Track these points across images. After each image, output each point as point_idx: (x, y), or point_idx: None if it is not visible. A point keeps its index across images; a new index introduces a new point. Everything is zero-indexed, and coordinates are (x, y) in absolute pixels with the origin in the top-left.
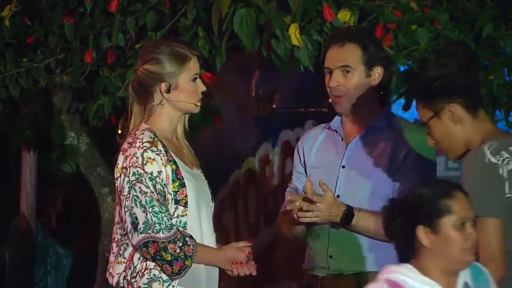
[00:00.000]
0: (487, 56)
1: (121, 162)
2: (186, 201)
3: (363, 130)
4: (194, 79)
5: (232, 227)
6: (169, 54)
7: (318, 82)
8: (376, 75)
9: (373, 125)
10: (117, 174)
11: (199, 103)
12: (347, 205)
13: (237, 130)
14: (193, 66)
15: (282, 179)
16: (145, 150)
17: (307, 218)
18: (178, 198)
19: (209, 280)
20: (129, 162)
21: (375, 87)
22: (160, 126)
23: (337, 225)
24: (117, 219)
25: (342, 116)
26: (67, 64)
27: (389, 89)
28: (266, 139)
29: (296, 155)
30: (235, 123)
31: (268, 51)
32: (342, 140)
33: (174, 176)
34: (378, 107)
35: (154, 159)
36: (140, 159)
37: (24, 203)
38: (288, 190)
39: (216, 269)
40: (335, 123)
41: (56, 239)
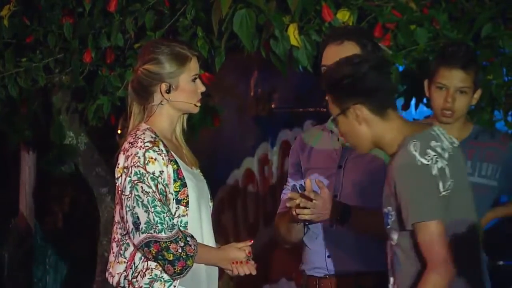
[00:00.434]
0: (486, 56)
1: (122, 162)
2: (187, 201)
3: None
4: (194, 80)
5: (231, 227)
6: (169, 54)
7: (316, 82)
8: None
9: None
10: (117, 174)
11: (199, 104)
12: (344, 203)
13: (236, 130)
14: (193, 66)
15: (281, 179)
16: (147, 150)
17: (305, 216)
18: (179, 198)
19: (209, 280)
20: (130, 161)
21: None
22: (160, 126)
23: (335, 223)
24: (117, 218)
25: None
26: (66, 64)
27: None
28: (265, 139)
29: (291, 156)
30: (234, 123)
31: (267, 51)
32: (338, 140)
33: (175, 176)
34: None
35: (156, 159)
36: (142, 158)
37: (23, 203)
38: (284, 192)
39: (216, 268)
40: (331, 124)
41: (55, 239)
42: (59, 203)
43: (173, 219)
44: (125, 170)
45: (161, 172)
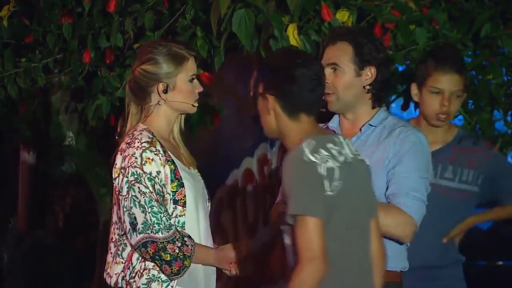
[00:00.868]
0: (485, 56)
1: (119, 162)
2: (185, 201)
3: (359, 130)
4: (191, 80)
5: (230, 227)
6: (166, 54)
7: None
8: (369, 75)
9: (369, 125)
10: (115, 174)
11: (196, 104)
12: None
13: (235, 130)
14: (190, 66)
15: (280, 179)
16: (144, 150)
17: None
18: (176, 198)
19: (207, 280)
20: (127, 162)
21: (369, 87)
22: (158, 126)
23: None
24: (114, 219)
25: (340, 116)
26: (65, 64)
27: (386, 89)
28: (264, 139)
29: None
30: (234, 123)
31: (267, 51)
32: None
33: (172, 176)
34: (374, 107)
35: (153, 159)
36: (139, 159)
37: (22, 203)
38: None
39: (214, 269)
40: (333, 122)
41: (54, 239)
42: (59, 203)
43: (170, 220)
44: (122, 171)
45: (158, 172)
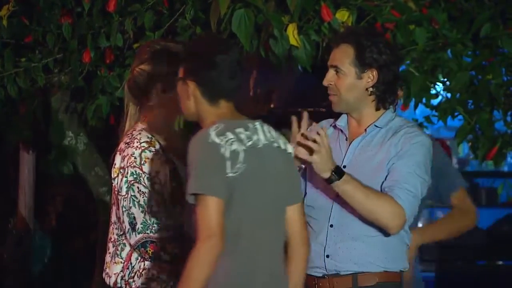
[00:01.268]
0: (485, 56)
1: (118, 162)
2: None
3: (365, 130)
4: None
5: None
6: (165, 54)
7: (316, 82)
8: (370, 77)
9: (374, 126)
10: (114, 174)
11: None
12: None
13: None
14: None
15: None
16: (143, 150)
17: (303, 154)
18: (176, 198)
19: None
20: (127, 162)
21: (372, 89)
22: (156, 126)
23: (330, 179)
24: (113, 219)
25: (348, 115)
26: (65, 64)
27: (390, 91)
28: None
29: None
30: None
31: (266, 51)
32: (346, 139)
33: (172, 175)
34: (379, 109)
35: (152, 159)
36: (138, 159)
37: (22, 203)
38: None
39: None
40: (342, 121)
41: (54, 239)
42: (58, 203)
43: (169, 220)
44: (121, 171)
45: (157, 172)
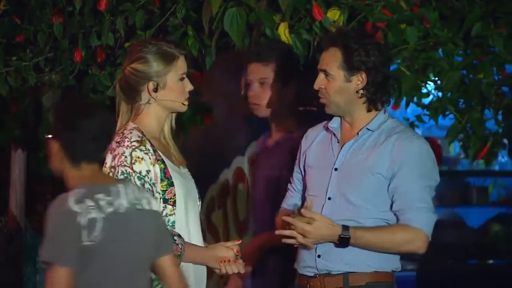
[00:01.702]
0: (476, 55)
1: (109, 161)
2: (175, 200)
3: (357, 134)
4: (181, 78)
5: (221, 226)
6: (156, 53)
7: (307, 81)
8: (360, 79)
9: (366, 129)
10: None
11: (187, 102)
12: (342, 226)
13: (226, 129)
14: (180, 65)
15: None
16: (133, 149)
17: (293, 241)
18: (166, 197)
19: (197, 279)
20: (117, 161)
21: (362, 91)
22: (148, 125)
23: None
24: None
25: (341, 118)
26: (56, 63)
27: (381, 91)
28: (255, 138)
29: (299, 150)
30: (224, 121)
31: None
32: (338, 142)
33: (162, 175)
34: (371, 110)
35: (142, 158)
36: (129, 158)
37: (13, 202)
38: (289, 187)
39: (204, 267)
40: (334, 123)
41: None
42: (49, 202)
43: None
44: (112, 170)
45: (148, 171)
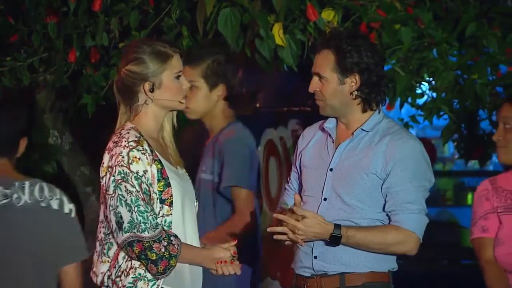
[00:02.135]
0: (471, 55)
1: (106, 161)
2: (171, 200)
3: (352, 134)
4: (177, 77)
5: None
6: (151, 53)
7: (301, 81)
8: (353, 81)
9: (361, 130)
10: (102, 173)
11: (184, 100)
12: (335, 224)
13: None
14: (175, 63)
15: (266, 178)
16: (131, 149)
17: (284, 237)
18: (163, 198)
19: (193, 280)
20: (114, 161)
21: (356, 92)
22: (146, 125)
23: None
24: (101, 218)
25: (337, 119)
26: (50, 63)
27: (376, 91)
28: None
29: (296, 150)
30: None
31: (252, 51)
32: (333, 142)
33: (159, 175)
34: (366, 111)
35: (139, 158)
36: (126, 158)
37: None
38: (286, 186)
39: (200, 268)
40: (330, 123)
41: None
42: None
43: (156, 219)
44: (109, 169)
45: (145, 171)
